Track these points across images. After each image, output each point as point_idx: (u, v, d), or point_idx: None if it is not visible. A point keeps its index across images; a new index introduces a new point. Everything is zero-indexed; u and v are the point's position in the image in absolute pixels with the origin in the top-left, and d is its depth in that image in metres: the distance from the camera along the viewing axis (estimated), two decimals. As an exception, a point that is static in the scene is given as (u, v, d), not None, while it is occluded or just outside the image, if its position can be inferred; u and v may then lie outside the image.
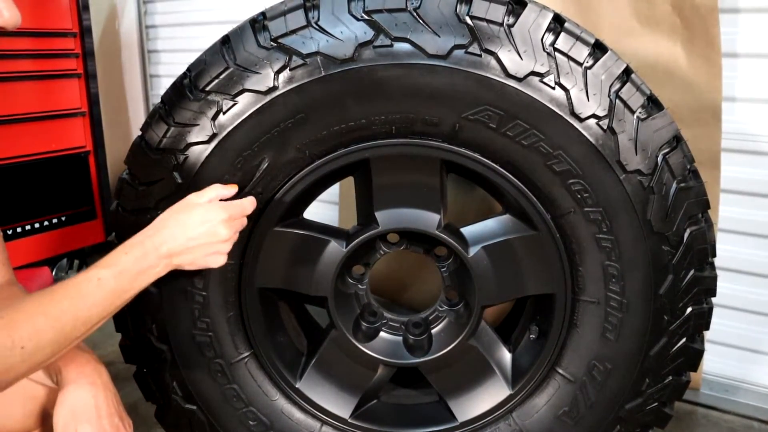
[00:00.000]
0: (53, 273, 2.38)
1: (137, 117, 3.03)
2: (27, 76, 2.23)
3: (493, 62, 1.06)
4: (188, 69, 1.15)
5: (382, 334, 1.34)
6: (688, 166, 1.11)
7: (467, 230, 1.25)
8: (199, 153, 1.14)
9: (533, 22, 1.06)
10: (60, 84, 2.35)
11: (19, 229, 2.25)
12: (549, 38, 1.06)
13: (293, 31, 1.09)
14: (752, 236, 1.70)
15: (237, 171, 1.16)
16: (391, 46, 1.06)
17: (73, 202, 2.43)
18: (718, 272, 1.18)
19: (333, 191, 2.31)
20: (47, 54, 2.29)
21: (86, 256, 2.54)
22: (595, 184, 1.11)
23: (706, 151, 1.59)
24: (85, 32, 2.38)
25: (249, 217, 1.14)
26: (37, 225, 2.32)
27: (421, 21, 1.06)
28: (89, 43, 2.41)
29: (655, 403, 1.23)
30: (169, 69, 2.93)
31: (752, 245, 1.70)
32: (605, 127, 1.07)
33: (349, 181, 1.31)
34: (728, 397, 1.79)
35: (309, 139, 1.14)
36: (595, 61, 1.06)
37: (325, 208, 2.38)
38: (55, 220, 2.37)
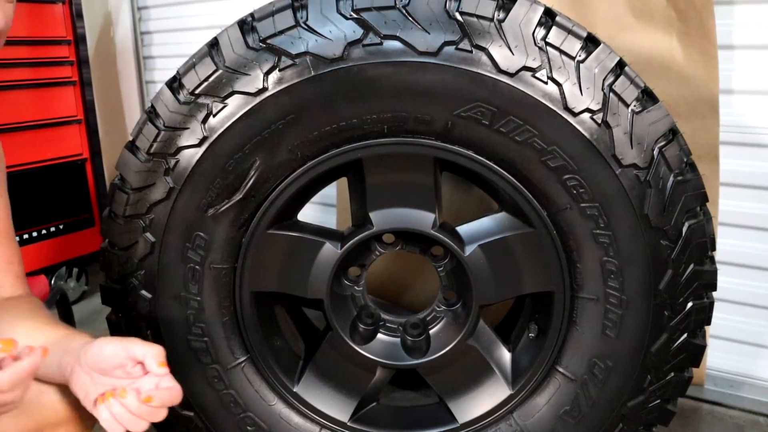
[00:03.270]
0: (52, 281, 2.37)
1: (134, 123, 3.02)
2: (22, 84, 2.22)
3: (484, 58, 1.05)
4: (177, 72, 1.14)
5: (379, 335, 1.32)
6: (685, 159, 1.09)
7: (463, 229, 1.23)
8: (190, 156, 1.14)
9: (524, 16, 1.04)
10: (55, 92, 2.34)
11: (17, 239, 2.24)
12: (540, 32, 1.05)
13: (282, 32, 1.08)
14: (753, 229, 1.68)
15: (228, 174, 1.15)
16: (381, 44, 1.05)
17: (71, 210, 2.43)
18: (719, 266, 1.16)
19: (331, 194, 2.30)
20: (42, 62, 2.28)
21: (85, 264, 2.54)
22: (591, 179, 1.09)
23: (704, 145, 1.58)
24: (79, 40, 2.38)
25: (244, 219, 1.11)
26: (35, 234, 2.31)
27: (410, 18, 1.05)
28: (84, 51, 2.40)
29: (658, 400, 1.22)
30: (165, 75, 2.90)
31: (753, 238, 1.68)
32: (599, 121, 1.06)
33: (346, 182, 1.30)
34: (733, 392, 1.77)
35: (300, 140, 1.13)
36: (588, 54, 1.05)
37: (322, 211, 2.37)
38: (53, 229, 2.37)
